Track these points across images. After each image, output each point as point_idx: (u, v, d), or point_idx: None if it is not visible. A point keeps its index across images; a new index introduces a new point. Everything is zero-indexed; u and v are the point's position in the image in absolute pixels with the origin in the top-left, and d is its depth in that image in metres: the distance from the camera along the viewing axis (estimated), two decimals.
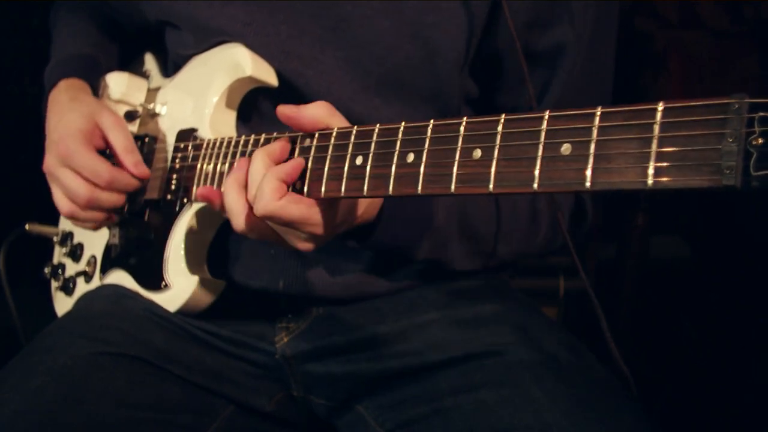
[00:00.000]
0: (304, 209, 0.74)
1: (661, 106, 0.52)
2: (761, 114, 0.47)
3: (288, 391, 1.00)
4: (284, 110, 0.76)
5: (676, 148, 0.51)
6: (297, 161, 0.76)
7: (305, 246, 0.78)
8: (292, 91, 0.94)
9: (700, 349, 1.84)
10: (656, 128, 0.52)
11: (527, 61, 0.87)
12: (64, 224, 1.20)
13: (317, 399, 0.98)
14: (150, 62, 1.22)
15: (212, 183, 0.92)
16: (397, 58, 0.92)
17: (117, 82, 1.11)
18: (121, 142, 0.99)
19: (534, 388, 0.78)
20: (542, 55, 0.93)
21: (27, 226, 1.18)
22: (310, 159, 0.77)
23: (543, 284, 1.72)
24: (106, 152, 1.01)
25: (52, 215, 1.21)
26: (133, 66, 1.21)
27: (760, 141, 0.47)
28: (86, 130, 0.98)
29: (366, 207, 0.82)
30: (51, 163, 0.98)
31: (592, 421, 0.74)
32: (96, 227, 1.05)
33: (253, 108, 1.00)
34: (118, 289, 1.02)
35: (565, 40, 0.93)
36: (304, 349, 0.97)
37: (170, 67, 1.13)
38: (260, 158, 0.77)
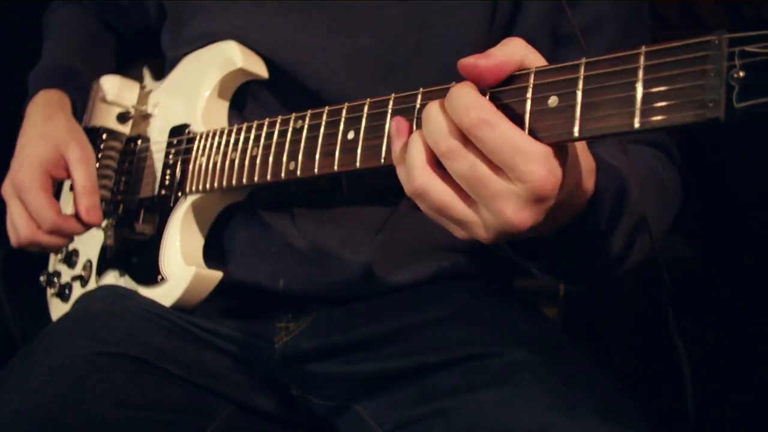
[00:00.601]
0: (524, 134, 0.55)
1: (643, 50, 0.53)
2: (741, 48, 0.48)
3: (287, 391, 1.00)
4: (466, 62, 0.58)
5: (661, 88, 0.52)
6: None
7: (519, 217, 0.55)
8: (296, 81, 0.94)
9: (701, 349, 1.84)
10: (640, 72, 0.53)
11: (560, 44, 0.87)
12: None
13: (316, 399, 0.98)
14: (142, 66, 1.22)
15: (207, 175, 0.92)
16: (405, 47, 0.91)
17: (109, 85, 1.12)
18: (82, 181, 0.97)
19: (534, 388, 0.78)
20: (576, 35, 0.87)
21: None
22: (303, 139, 0.78)
23: (543, 284, 1.71)
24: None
25: None
26: (125, 70, 1.21)
27: (741, 74, 0.48)
28: (49, 160, 0.97)
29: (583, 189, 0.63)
30: (6, 189, 0.98)
31: (592, 422, 0.74)
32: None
33: (256, 103, 1.00)
34: (117, 289, 1.02)
35: (602, 13, 0.89)
36: (303, 349, 0.97)
37: (166, 69, 1.13)
38: (434, 106, 0.59)
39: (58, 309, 1.15)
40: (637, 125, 0.53)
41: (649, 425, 0.76)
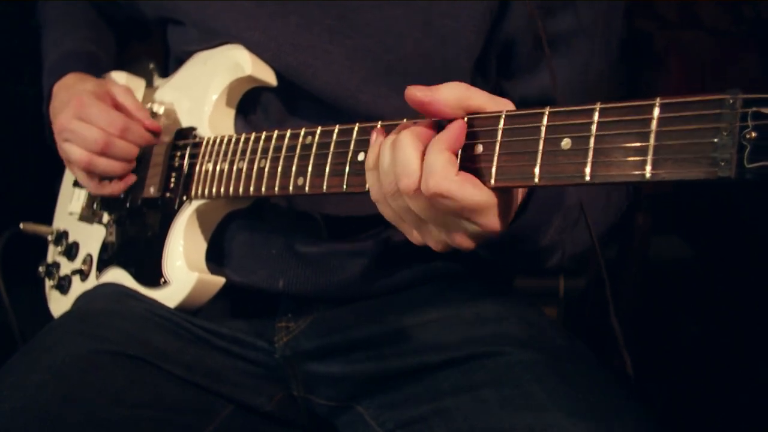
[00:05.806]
0: (486, 195, 0.62)
1: (658, 102, 0.54)
2: (754, 109, 0.49)
3: (288, 391, 1.00)
4: (416, 94, 0.64)
5: (673, 142, 0.53)
6: (458, 123, 0.64)
7: (467, 243, 0.67)
8: (299, 84, 0.94)
9: (702, 349, 1.84)
10: (653, 123, 0.54)
11: (540, 48, 0.87)
12: (59, 223, 1.20)
13: (317, 399, 0.98)
14: (148, 62, 1.22)
15: (213, 181, 0.92)
16: (407, 47, 0.91)
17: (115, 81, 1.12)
18: (132, 102, 1.02)
19: (535, 388, 0.78)
20: (553, 41, 0.91)
21: (21, 226, 1.18)
22: (312, 155, 0.77)
23: (543, 284, 1.72)
24: None
25: (47, 215, 1.21)
26: (131, 66, 1.21)
27: (754, 135, 0.49)
28: (98, 92, 1.00)
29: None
30: (64, 119, 0.98)
31: (593, 422, 0.74)
32: (110, 191, 1.03)
33: (258, 106, 1.00)
34: (119, 288, 1.02)
35: (577, 25, 0.92)
36: (304, 349, 0.97)
37: (171, 64, 1.13)
38: (408, 138, 0.64)
39: (56, 301, 1.15)
40: (648, 176, 0.54)
41: (650, 425, 0.76)
